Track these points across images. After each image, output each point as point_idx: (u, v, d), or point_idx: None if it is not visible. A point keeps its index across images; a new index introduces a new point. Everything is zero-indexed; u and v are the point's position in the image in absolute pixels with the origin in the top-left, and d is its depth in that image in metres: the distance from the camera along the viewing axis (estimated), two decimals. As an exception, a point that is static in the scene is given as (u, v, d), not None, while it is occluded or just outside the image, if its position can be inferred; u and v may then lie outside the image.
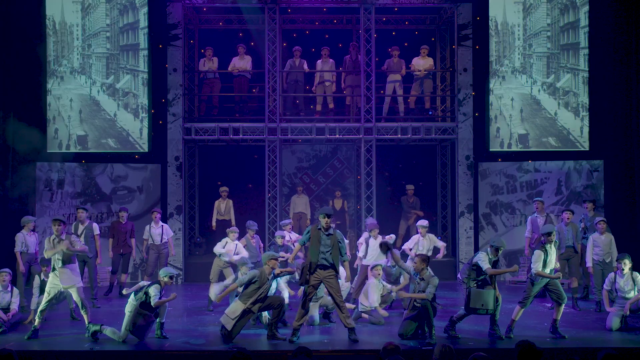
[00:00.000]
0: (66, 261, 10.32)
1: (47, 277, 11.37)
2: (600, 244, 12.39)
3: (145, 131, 15.88)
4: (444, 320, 11.05)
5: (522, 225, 16.09)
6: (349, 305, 11.23)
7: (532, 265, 10.25)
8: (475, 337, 10.28)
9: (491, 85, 16.12)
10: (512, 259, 16.12)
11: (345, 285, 11.59)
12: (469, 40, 16.46)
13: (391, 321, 11.47)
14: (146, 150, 15.94)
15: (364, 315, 11.38)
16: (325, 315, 11.40)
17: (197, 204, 17.50)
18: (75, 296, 10.43)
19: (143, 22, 15.97)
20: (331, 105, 16.59)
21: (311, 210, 16.93)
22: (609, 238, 12.40)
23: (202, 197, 17.63)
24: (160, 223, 14.08)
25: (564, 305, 10.33)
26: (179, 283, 15.29)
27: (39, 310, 10.39)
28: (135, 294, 10.17)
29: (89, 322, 10.22)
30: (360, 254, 12.79)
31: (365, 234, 12.87)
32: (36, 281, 11.63)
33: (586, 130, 15.95)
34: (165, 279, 10.19)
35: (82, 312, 10.36)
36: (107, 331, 10.05)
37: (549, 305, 11.93)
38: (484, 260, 10.05)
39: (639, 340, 10.08)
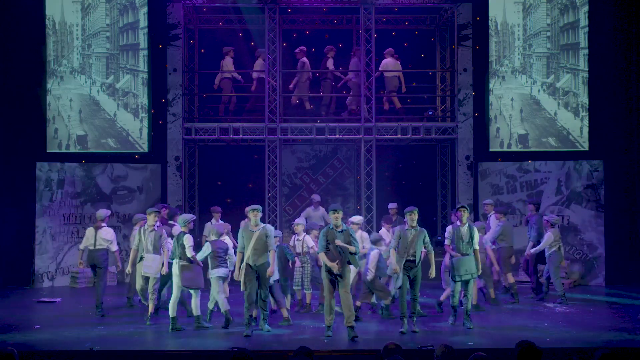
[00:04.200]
0: (154, 250, 11.10)
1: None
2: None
3: (145, 131, 15.88)
4: (443, 321, 11.08)
5: (522, 225, 16.07)
6: None
7: None
8: (476, 337, 10.28)
9: (491, 85, 16.12)
10: (512, 259, 16.11)
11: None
12: (469, 40, 16.48)
13: (392, 321, 11.47)
14: (146, 150, 15.93)
15: None
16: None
17: (197, 204, 17.50)
18: (150, 284, 11.10)
19: (143, 22, 15.97)
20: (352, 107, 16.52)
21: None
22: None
23: (202, 197, 17.62)
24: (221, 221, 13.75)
25: None
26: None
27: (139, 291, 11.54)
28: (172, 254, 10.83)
29: (151, 312, 11.04)
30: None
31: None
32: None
33: (586, 130, 15.94)
34: (189, 226, 10.88)
35: (150, 302, 11.07)
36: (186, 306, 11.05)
37: None
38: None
39: (636, 340, 10.07)
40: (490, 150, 16.19)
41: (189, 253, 10.56)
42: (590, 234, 15.65)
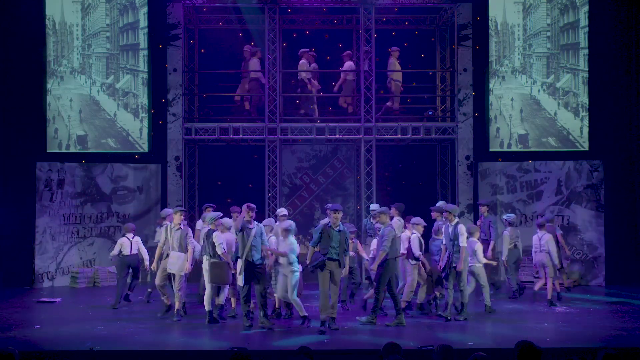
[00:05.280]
0: (179, 248, 11.30)
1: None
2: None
3: (145, 131, 15.89)
4: (442, 321, 11.07)
5: (521, 225, 16.06)
6: None
7: None
8: (476, 337, 10.28)
9: (491, 85, 16.12)
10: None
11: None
12: (468, 40, 16.49)
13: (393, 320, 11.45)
14: (146, 150, 15.94)
15: None
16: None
17: (197, 204, 17.47)
18: (176, 282, 11.28)
19: (143, 22, 15.97)
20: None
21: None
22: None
23: (202, 197, 17.60)
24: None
25: None
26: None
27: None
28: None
29: (177, 309, 11.24)
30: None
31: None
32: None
33: (586, 130, 15.95)
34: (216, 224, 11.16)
35: (175, 299, 11.26)
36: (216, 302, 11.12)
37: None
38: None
39: (636, 338, 10.09)
40: (490, 150, 16.20)
41: (219, 250, 10.89)
42: (590, 234, 15.65)
